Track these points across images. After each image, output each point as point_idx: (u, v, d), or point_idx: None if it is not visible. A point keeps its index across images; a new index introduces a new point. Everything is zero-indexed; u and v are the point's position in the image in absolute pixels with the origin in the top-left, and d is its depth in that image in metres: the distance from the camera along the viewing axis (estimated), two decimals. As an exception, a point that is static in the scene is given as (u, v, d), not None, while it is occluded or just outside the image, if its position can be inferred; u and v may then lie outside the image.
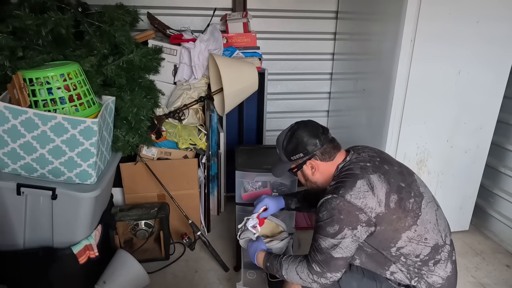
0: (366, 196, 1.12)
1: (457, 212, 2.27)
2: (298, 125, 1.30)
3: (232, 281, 1.87)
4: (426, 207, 1.19)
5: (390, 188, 1.15)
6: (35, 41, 1.58)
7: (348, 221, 1.11)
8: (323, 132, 1.27)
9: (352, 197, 1.12)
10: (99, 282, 1.67)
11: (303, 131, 1.26)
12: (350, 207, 1.11)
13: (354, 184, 1.14)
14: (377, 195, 1.12)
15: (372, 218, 1.12)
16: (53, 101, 1.42)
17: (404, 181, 1.19)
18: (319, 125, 1.31)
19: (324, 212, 1.14)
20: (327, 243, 1.14)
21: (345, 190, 1.13)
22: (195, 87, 2.11)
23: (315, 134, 1.26)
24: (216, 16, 2.37)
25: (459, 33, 1.87)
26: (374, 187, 1.13)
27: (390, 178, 1.17)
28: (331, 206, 1.13)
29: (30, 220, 1.49)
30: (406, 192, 1.17)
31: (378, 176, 1.16)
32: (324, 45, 2.72)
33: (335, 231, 1.12)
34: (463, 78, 1.96)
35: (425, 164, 2.10)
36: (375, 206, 1.12)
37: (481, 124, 2.09)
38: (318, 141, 1.24)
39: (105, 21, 1.81)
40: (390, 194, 1.14)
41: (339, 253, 1.14)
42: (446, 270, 1.20)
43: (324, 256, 1.15)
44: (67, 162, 1.47)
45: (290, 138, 1.28)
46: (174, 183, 2.04)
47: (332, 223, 1.12)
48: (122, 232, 2.01)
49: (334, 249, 1.13)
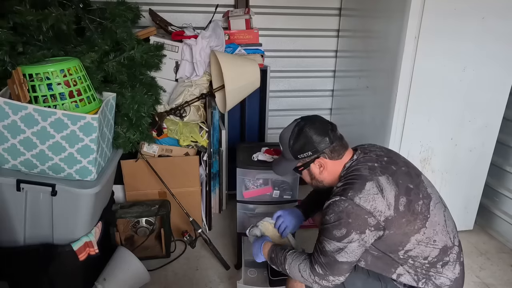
0: (375, 199, 1.07)
1: (462, 211, 2.24)
2: (304, 121, 1.22)
3: (233, 279, 1.86)
4: (435, 208, 1.15)
5: (399, 191, 1.10)
6: (35, 36, 1.57)
7: (357, 225, 1.07)
8: (332, 129, 1.21)
9: (361, 200, 1.07)
10: (99, 279, 1.66)
11: (311, 128, 1.19)
12: (359, 211, 1.07)
13: (363, 186, 1.09)
14: (386, 198, 1.08)
15: (381, 222, 1.08)
16: (53, 97, 1.41)
17: (412, 182, 1.15)
18: (327, 121, 1.24)
19: (331, 214, 1.10)
20: (332, 246, 1.10)
21: (354, 193, 1.08)
22: (196, 84, 2.09)
23: (325, 131, 1.19)
24: (218, 13, 2.36)
25: (464, 30, 1.84)
26: (384, 189, 1.09)
27: (398, 180, 1.13)
28: (339, 209, 1.08)
29: (30, 216, 1.49)
30: (414, 194, 1.13)
31: (387, 178, 1.11)
32: (327, 42, 2.70)
33: (342, 235, 1.08)
34: (468, 75, 1.93)
35: (429, 162, 2.08)
36: (385, 210, 1.08)
37: (487, 122, 2.06)
38: (328, 138, 1.18)
39: (106, 18, 1.80)
40: (399, 197, 1.10)
41: (344, 257, 1.10)
42: (455, 271, 1.16)
43: (328, 259, 1.11)
44: (67, 158, 1.46)
45: (297, 135, 1.21)
46: (175, 180, 2.03)
47: (340, 226, 1.08)
48: (123, 229, 2.01)
49: (339, 252, 1.09)
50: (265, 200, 1.81)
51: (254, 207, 1.78)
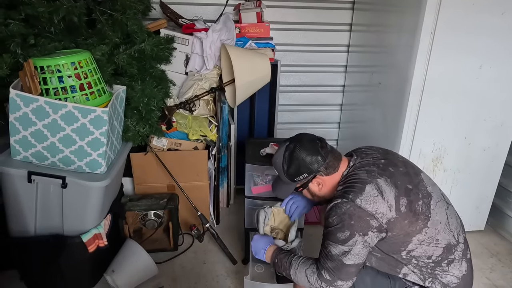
0: (376, 201, 1.08)
1: (473, 211, 2.20)
2: (293, 144, 1.22)
3: (239, 274, 1.86)
4: (436, 207, 1.15)
5: (399, 192, 1.11)
6: (47, 28, 1.57)
7: (359, 226, 1.08)
8: (321, 146, 1.21)
9: (363, 202, 1.08)
10: (108, 270, 1.68)
11: (301, 149, 1.20)
12: (360, 212, 1.08)
13: (363, 188, 1.10)
14: (387, 200, 1.09)
15: (383, 224, 1.08)
16: (64, 90, 1.42)
17: (411, 183, 1.16)
18: (314, 137, 1.25)
19: (334, 217, 1.11)
20: (337, 250, 1.11)
21: (355, 195, 1.09)
22: (206, 77, 2.08)
23: (315, 149, 1.20)
24: (229, 6, 2.33)
25: (483, 25, 1.78)
26: (383, 191, 1.10)
27: (396, 181, 1.13)
28: (341, 211, 1.09)
29: (41, 207, 1.51)
30: (414, 194, 1.13)
31: (385, 180, 1.12)
32: (340, 36, 2.65)
33: (346, 237, 1.09)
34: (485, 73, 1.87)
35: (441, 161, 2.04)
36: (386, 212, 1.08)
37: (502, 121, 2.00)
38: (320, 157, 1.19)
39: (117, 10, 1.78)
40: (399, 198, 1.10)
41: (351, 260, 1.10)
42: (461, 269, 1.16)
43: (335, 263, 1.11)
44: (77, 151, 1.47)
45: (289, 160, 1.22)
46: (184, 174, 2.03)
47: (343, 228, 1.09)
48: (132, 221, 2.02)
49: (345, 255, 1.10)
50: (274, 196, 1.79)
51: (262, 203, 1.77)
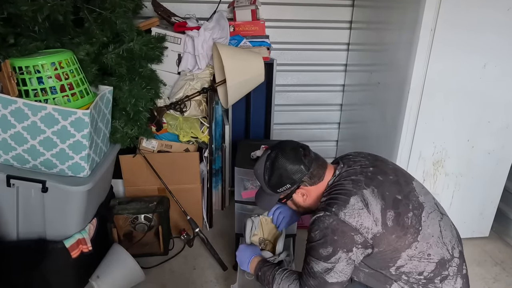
0: (361, 214, 1.01)
1: (477, 217, 2.09)
2: (275, 153, 1.14)
3: (229, 281, 1.80)
4: (427, 219, 1.07)
5: (385, 204, 1.03)
6: (31, 27, 1.53)
7: (343, 242, 1.00)
8: (304, 154, 1.13)
9: (347, 216, 1.01)
10: (93, 276, 1.64)
11: (283, 158, 1.12)
12: (344, 227, 1.00)
13: (348, 201, 1.03)
14: (372, 213, 1.01)
15: (369, 239, 1.01)
16: (44, 91, 1.38)
17: (401, 193, 1.08)
18: (298, 144, 1.17)
19: (316, 231, 1.04)
20: (320, 267, 1.04)
21: (339, 208, 1.02)
22: (198, 77, 2.02)
23: (297, 158, 1.12)
24: (224, 3, 2.26)
25: (487, 22, 1.68)
26: (369, 203, 1.02)
27: (384, 192, 1.05)
28: (324, 225, 1.02)
29: (22, 212, 1.47)
30: (403, 206, 1.05)
31: (372, 190, 1.04)
32: (339, 34, 2.56)
33: (328, 253, 1.02)
34: (489, 72, 1.78)
35: (442, 165, 1.95)
36: (371, 226, 1.01)
37: (507, 122, 1.90)
38: (303, 166, 1.11)
39: (106, 8, 1.74)
40: (386, 211, 1.02)
41: (334, 278, 1.03)
42: (456, 286, 1.08)
43: (317, 281, 1.05)
44: (58, 154, 1.43)
45: (271, 169, 1.14)
46: (175, 177, 1.98)
47: (325, 244, 1.02)
48: (122, 224, 1.98)
49: (328, 273, 1.03)
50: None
51: (252, 207, 1.71)
